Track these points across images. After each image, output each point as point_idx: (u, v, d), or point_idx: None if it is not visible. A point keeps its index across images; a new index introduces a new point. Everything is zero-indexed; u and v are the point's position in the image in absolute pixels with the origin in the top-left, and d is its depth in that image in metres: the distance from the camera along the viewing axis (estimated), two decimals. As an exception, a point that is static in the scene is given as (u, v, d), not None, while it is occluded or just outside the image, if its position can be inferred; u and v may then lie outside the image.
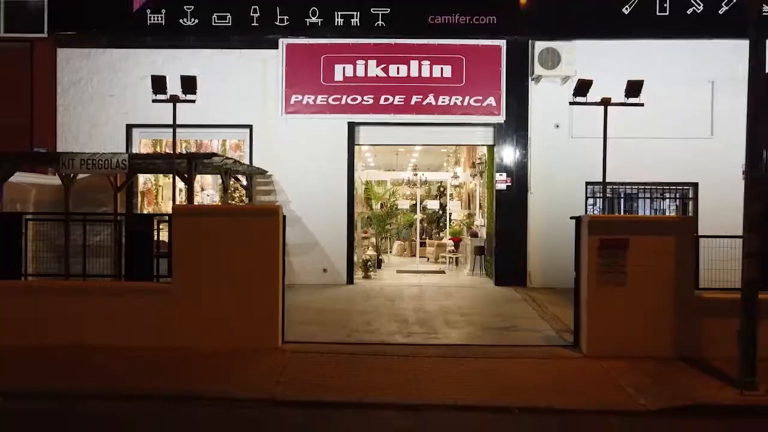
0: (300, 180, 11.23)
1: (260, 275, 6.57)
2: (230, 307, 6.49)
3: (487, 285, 11.42)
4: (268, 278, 6.61)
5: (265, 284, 6.60)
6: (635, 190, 11.50)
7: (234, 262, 6.51)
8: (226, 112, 11.23)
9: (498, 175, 11.22)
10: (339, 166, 11.29)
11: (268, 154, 11.23)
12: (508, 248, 11.22)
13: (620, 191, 11.52)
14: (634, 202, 11.78)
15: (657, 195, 11.68)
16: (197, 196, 14.54)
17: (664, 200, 12.04)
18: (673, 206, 12.04)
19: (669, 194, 11.72)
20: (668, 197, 11.82)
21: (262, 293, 6.58)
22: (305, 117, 11.21)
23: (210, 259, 6.49)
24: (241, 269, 6.51)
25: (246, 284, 6.52)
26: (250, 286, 6.54)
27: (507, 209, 11.24)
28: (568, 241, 11.23)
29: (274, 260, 6.62)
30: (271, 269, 6.62)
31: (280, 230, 6.70)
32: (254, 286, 6.55)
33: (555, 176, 11.13)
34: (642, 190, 11.54)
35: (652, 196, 11.68)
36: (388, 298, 9.84)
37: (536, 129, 11.16)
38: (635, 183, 11.27)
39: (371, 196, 14.16)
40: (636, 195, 11.57)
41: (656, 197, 11.74)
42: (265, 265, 6.58)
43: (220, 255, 6.49)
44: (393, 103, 11.17)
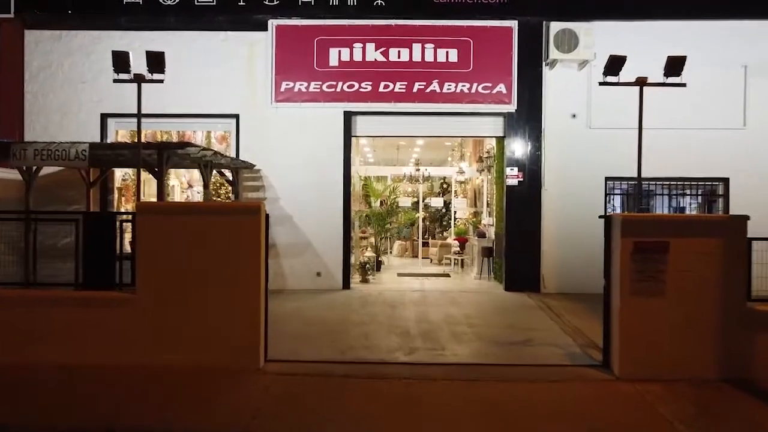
0: (291, 175, 10.41)
1: (239, 282, 5.75)
2: (203, 319, 5.67)
3: (496, 290, 10.59)
4: (249, 286, 5.79)
5: (245, 293, 5.77)
6: (657, 186, 10.66)
7: (208, 267, 5.69)
8: (210, 101, 10.40)
9: (509, 170, 10.39)
10: (334, 160, 10.46)
11: (256, 147, 10.40)
12: (519, 250, 10.39)
13: (646, 187, 10.66)
14: (651, 200, 10.97)
15: (680, 192, 10.86)
16: (184, 193, 13.76)
17: (684, 197, 11.23)
18: (695, 204, 11.24)
19: (694, 191, 10.89)
20: (689, 194, 10.99)
21: (241, 303, 5.75)
22: (297, 106, 10.38)
23: (179, 264, 5.67)
24: (216, 275, 5.69)
25: (222, 293, 5.71)
26: (226, 295, 5.72)
27: (518, 207, 10.41)
28: (585, 242, 10.53)
29: (255, 265, 5.79)
30: (251, 275, 5.79)
31: (263, 230, 5.88)
32: (232, 295, 5.73)
33: (571, 171, 10.30)
34: (664, 186, 10.70)
35: (675, 192, 10.85)
36: (388, 306, 9.02)
37: (551, 119, 10.33)
38: (658, 178, 10.42)
39: (370, 193, 13.34)
40: (656, 192, 10.74)
41: (676, 194, 10.92)
42: (244, 271, 5.76)
43: (191, 259, 5.67)
44: (393, 91, 10.33)
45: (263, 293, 5.93)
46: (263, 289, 5.93)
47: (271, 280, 10.47)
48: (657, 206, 11.09)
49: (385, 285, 11.21)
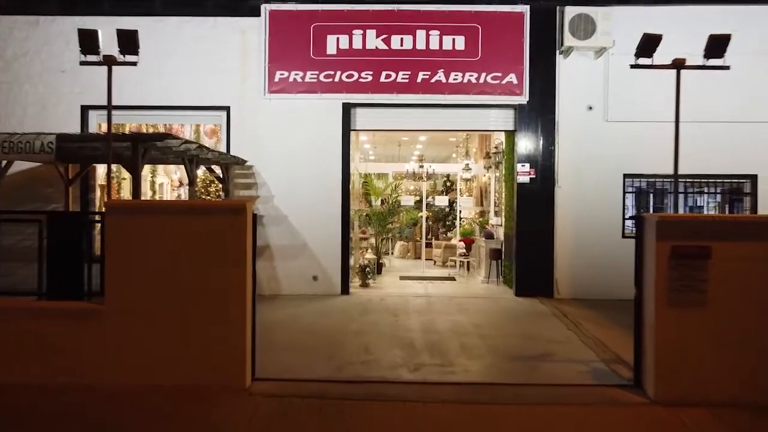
0: (286, 171, 9.77)
1: (222, 290, 5.11)
2: (181, 333, 5.04)
3: (506, 295, 9.94)
4: (233, 294, 5.15)
5: (229, 302, 5.13)
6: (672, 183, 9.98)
7: (187, 273, 5.06)
8: (199, 92, 9.76)
9: (520, 166, 9.73)
10: (332, 156, 9.82)
11: (247, 141, 9.76)
12: (530, 252, 9.75)
13: (659, 184, 10.03)
14: (665, 198, 10.33)
15: (698, 190, 10.21)
16: (175, 191, 13.13)
17: (703, 195, 10.58)
18: (715, 203, 10.60)
19: (715, 188, 10.24)
20: (710, 192, 10.33)
21: (224, 314, 5.12)
22: (292, 97, 9.73)
23: (155, 271, 5.04)
24: (196, 283, 5.06)
25: (203, 303, 5.07)
26: (208, 305, 5.08)
27: (530, 206, 9.76)
28: (602, 244, 9.88)
29: (240, 271, 5.16)
30: (236, 282, 5.15)
31: (249, 232, 5.24)
32: (214, 305, 5.10)
33: (587, 167, 9.66)
34: (684, 184, 10.05)
35: (693, 190, 10.20)
36: (391, 313, 8.38)
37: (565, 111, 9.67)
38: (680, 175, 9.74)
39: (370, 191, 12.70)
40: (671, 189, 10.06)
41: (693, 192, 10.27)
42: (228, 278, 5.12)
43: (168, 265, 5.04)
44: (396, 81, 9.68)
45: (250, 302, 5.30)
46: (250, 298, 5.29)
47: (264, 285, 9.91)
48: (671, 205, 10.45)
49: (387, 289, 10.57)
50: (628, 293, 9.52)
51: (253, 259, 5.43)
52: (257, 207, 9.78)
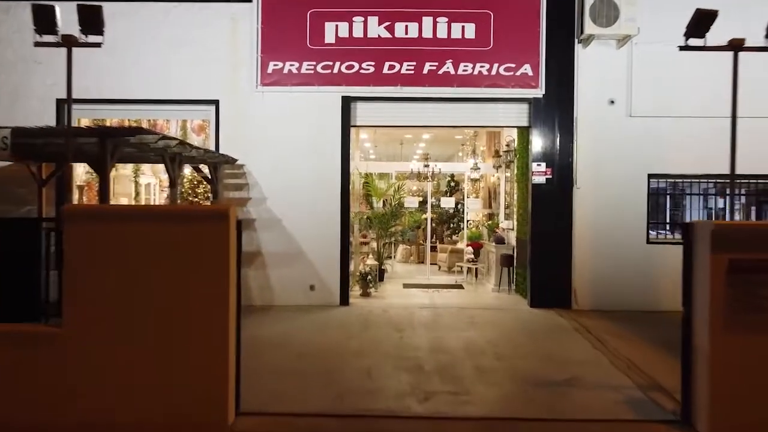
0: (280, 171, 9.07)
1: (202, 310, 4.39)
2: (153, 360, 4.33)
3: (519, 306, 9.24)
4: (214, 314, 4.43)
5: (210, 324, 4.42)
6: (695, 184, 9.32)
7: (160, 290, 4.34)
8: (186, 85, 9.06)
9: (535, 165, 9.03)
10: (330, 154, 9.11)
11: (238, 138, 9.06)
12: (546, 259, 9.05)
13: (684, 186, 9.33)
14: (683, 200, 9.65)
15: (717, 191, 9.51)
16: (165, 192, 12.40)
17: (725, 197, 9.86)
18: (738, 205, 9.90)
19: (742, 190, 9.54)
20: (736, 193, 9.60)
21: (204, 338, 4.40)
22: (287, 90, 9.03)
23: (122, 287, 4.32)
24: (169, 302, 4.34)
25: (178, 324, 4.36)
26: (184, 327, 4.37)
27: (546, 209, 9.06)
28: (625, 251, 9.11)
29: (222, 287, 4.43)
30: (218, 301, 4.43)
31: (233, 241, 4.52)
32: (192, 327, 4.38)
33: (608, 166, 8.96)
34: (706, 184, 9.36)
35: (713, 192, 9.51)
36: (395, 327, 7.68)
37: (584, 106, 8.97)
38: (697, 176, 9.07)
39: (371, 192, 11.99)
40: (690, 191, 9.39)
41: (715, 194, 9.57)
42: (209, 295, 4.40)
43: (138, 280, 4.32)
44: (400, 72, 8.98)
45: (234, 323, 4.58)
46: (234, 318, 4.58)
47: (256, 295, 9.20)
48: (691, 208, 9.78)
49: (390, 299, 9.87)
50: (654, 304, 8.99)
51: (238, 273, 4.72)
52: (248, 209, 9.08)
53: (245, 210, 9.09)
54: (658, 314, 8.60)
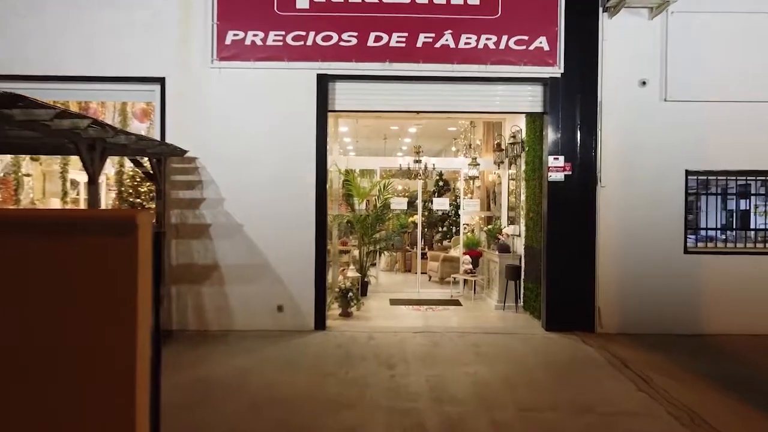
0: (241, 166, 7.58)
1: (96, 361, 2.87)
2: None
3: (532, 330, 7.85)
4: (116, 366, 2.90)
5: (108, 379, 2.89)
6: (753, 182, 8.04)
7: (32, 334, 2.81)
8: (125, 59, 7.52)
9: (552, 160, 7.66)
10: (304, 145, 7.65)
11: (189, 125, 7.55)
12: (565, 271, 7.69)
13: (730, 184, 8.05)
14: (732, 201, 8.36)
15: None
16: (111, 191, 10.76)
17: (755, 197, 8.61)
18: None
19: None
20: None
21: (97, 401, 2.88)
22: (249, 66, 7.54)
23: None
24: (46, 349, 2.81)
25: (58, 380, 2.83)
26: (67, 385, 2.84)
27: (564, 211, 7.71)
28: (659, 261, 7.68)
29: (126, 326, 2.91)
30: (120, 346, 2.90)
31: (145, 262, 2.99)
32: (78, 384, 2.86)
33: (639, 161, 7.65)
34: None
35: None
36: (383, 361, 6.24)
37: (611, 88, 7.64)
38: (757, 172, 7.81)
39: (353, 192, 10.54)
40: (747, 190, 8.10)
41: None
42: (106, 339, 2.88)
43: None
44: (388, 45, 7.55)
45: (146, 378, 3.07)
46: (146, 372, 3.07)
47: (213, 318, 7.64)
48: (737, 211, 8.52)
49: (375, 320, 8.42)
50: (694, 326, 7.59)
51: (156, 305, 3.20)
52: (201, 212, 7.57)
53: (198, 213, 7.57)
54: (700, 339, 7.33)
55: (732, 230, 8.15)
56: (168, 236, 7.49)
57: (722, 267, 7.61)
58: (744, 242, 7.95)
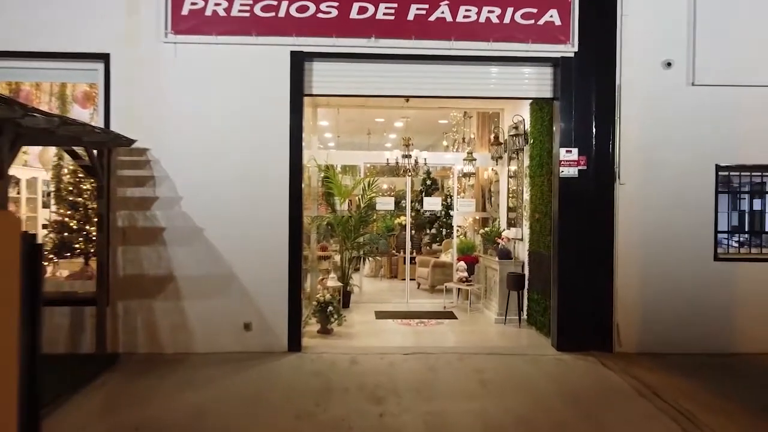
0: (201, 160, 6.53)
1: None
2: None
3: (541, 349, 6.90)
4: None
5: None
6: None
7: None
8: (60, 32, 6.41)
9: (564, 152, 6.72)
10: (275, 135, 6.61)
11: (139, 110, 6.47)
12: (578, 281, 6.76)
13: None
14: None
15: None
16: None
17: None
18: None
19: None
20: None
21: None
22: (211, 41, 6.49)
23: None
24: None
25: None
26: None
27: (578, 212, 6.77)
28: (685, 270, 6.51)
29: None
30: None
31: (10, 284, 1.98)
32: None
33: (663, 155, 6.74)
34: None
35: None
36: (369, 394, 5.23)
37: (631, 69, 6.71)
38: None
39: (333, 190, 9.51)
40: None
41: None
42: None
43: None
44: (374, 18, 6.55)
45: None
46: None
47: (167, 339, 6.39)
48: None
49: (359, 339, 7.40)
50: (727, 344, 6.46)
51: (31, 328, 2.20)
52: (154, 214, 6.49)
53: (149, 215, 6.49)
54: (736, 359, 6.46)
55: (747, 233, 7.32)
56: (113, 242, 6.40)
57: (760, 276, 6.73)
58: (759, 248, 7.12)
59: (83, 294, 6.57)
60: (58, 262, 7.16)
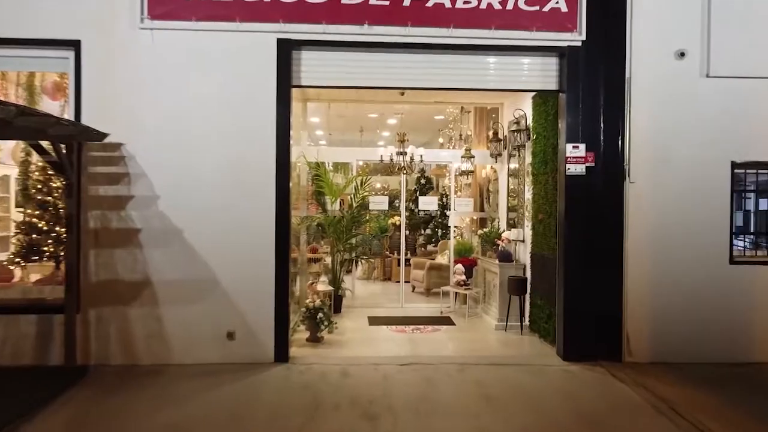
0: (181, 155, 6.09)
1: None
2: None
3: (546, 359, 6.50)
4: None
5: None
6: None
7: None
8: (28, 16, 5.93)
9: (571, 149, 6.32)
10: (260, 129, 6.17)
11: (112, 102, 6.01)
12: (586, 286, 6.35)
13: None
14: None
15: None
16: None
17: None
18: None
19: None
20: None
21: None
22: (190, 27, 6.05)
23: None
24: None
25: None
26: None
27: (585, 212, 6.37)
28: (699, 274, 6.06)
29: None
30: None
31: None
32: None
33: (675, 151, 6.36)
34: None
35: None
36: (363, 413, 4.80)
37: (642, 60, 6.32)
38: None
39: (324, 189, 9.08)
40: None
41: None
42: None
43: None
44: (368, 3, 6.13)
45: None
46: None
47: (143, 349, 5.74)
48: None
49: (351, 348, 6.97)
50: (744, 353, 6.14)
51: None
52: (129, 214, 6.03)
53: (124, 215, 6.03)
54: (755, 368, 6.11)
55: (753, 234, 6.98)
56: (84, 245, 5.93)
57: (778, 280, 6.37)
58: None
59: (52, 301, 6.09)
60: (26, 266, 6.68)
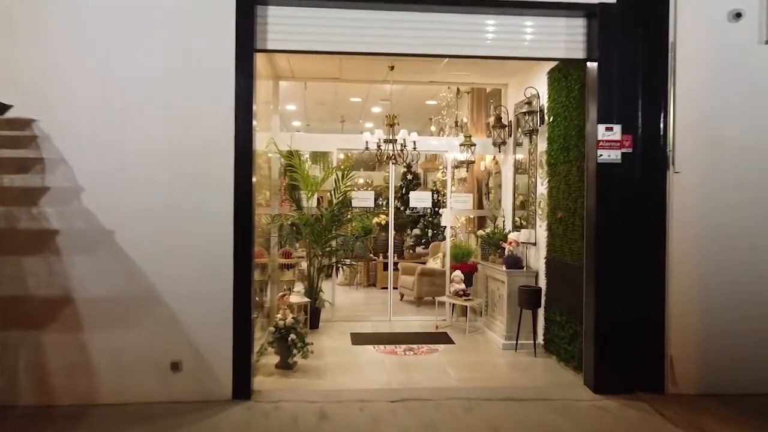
0: (111, 136, 4.83)
1: None
2: None
3: (572, 390, 5.35)
4: None
5: None
6: None
7: None
8: None
9: (604, 131, 5.18)
10: (214, 105, 4.94)
11: (19, 67, 4.73)
12: (620, 299, 5.21)
13: None
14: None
15: None
16: None
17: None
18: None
19: None
20: None
21: None
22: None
23: None
24: None
25: None
26: None
27: (619, 208, 5.22)
28: (762, 284, 5.22)
29: None
30: None
31: None
32: None
33: (729, 134, 5.25)
34: None
35: None
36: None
37: (688, 23, 5.21)
38: None
39: (299, 182, 7.85)
40: None
41: None
42: None
43: None
44: (350, -56, 4.92)
45: None
46: None
47: (61, 385, 3.83)
48: None
49: (330, 377, 5.75)
50: None
51: None
52: (43, 211, 4.76)
53: (37, 212, 4.76)
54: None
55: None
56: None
57: None
58: None
59: (-57, 323, 4.79)
60: None
